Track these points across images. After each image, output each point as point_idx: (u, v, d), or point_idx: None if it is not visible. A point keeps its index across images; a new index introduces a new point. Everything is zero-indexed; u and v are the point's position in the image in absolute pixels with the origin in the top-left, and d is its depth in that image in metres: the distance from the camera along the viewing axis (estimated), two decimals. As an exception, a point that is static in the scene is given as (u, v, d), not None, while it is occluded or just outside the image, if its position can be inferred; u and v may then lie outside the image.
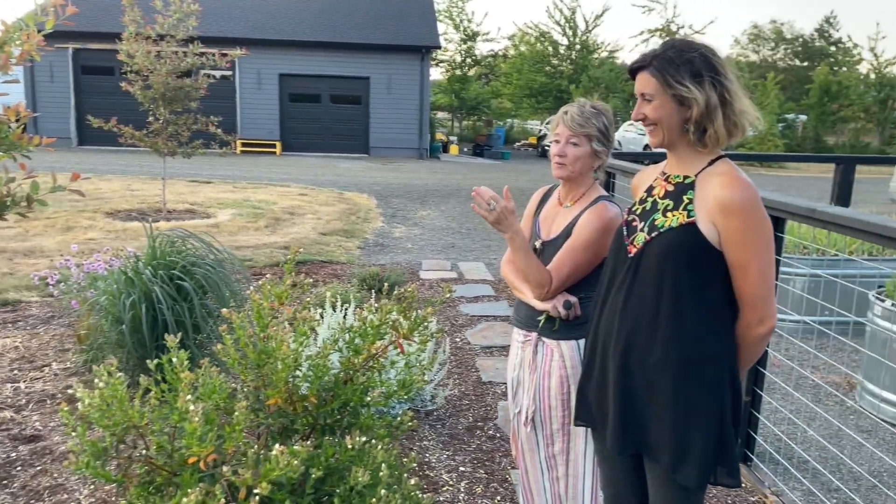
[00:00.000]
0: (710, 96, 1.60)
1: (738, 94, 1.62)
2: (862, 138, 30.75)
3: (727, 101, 1.60)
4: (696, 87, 1.59)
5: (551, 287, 2.08)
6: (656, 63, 1.63)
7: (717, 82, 1.60)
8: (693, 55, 1.61)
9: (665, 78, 1.61)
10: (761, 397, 3.18)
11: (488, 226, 8.52)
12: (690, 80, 1.59)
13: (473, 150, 26.15)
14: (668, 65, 1.61)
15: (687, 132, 1.65)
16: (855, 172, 6.77)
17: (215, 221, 9.02)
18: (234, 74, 21.72)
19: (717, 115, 1.60)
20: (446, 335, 4.93)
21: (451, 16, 31.22)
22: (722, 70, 1.61)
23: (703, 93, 1.59)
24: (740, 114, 1.62)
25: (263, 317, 2.04)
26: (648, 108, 1.66)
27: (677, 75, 1.60)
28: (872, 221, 2.26)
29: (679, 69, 1.60)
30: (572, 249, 2.08)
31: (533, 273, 2.08)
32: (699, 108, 1.60)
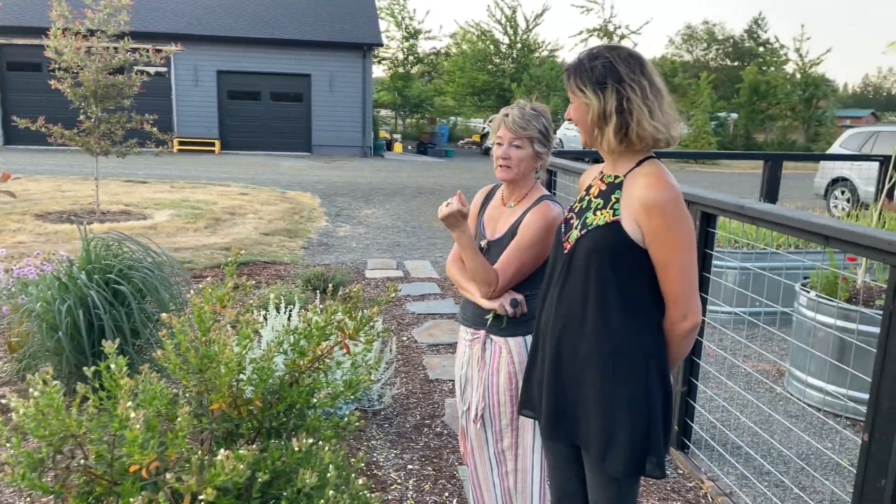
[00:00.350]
0: (608, 103, 1.65)
1: (652, 99, 1.65)
2: (789, 136, 32.09)
3: (626, 108, 1.64)
4: (594, 93, 1.65)
5: (498, 286, 2.13)
6: (570, 69, 1.72)
7: (619, 89, 1.64)
8: (597, 63, 1.67)
9: (571, 82, 1.70)
10: (697, 387, 3.31)
11: (434, 224, 8.49)
12: (591, 86, 1.66)
13: (417, 148, 26.16)
14: (577, 72, 1.69)
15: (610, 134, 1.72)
16: (782, 169, 7.09)
17: (152, 223, 8.77)
18: (169, 71, 21.12)
19: (612, 121, 1.66)
20: (392, 334, 4.94)
21: (393, 13, 31.12)
22: (627, 76, 1.64)
23: (600, 99, 1.65)
24: (641, 121, 1.64)
25: (205, 321, 2.02)
26: (571, 109, 1.75)
27: (579, 81, 1.68)
28: (795, 217, 2.38)
29: (583, 75, 1.68)
30: (517, 249, 2.13)
31: (480, 272, 2.12)
32: (593, 112, 1.67)
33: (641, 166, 1.71)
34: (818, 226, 2.28)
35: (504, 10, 29.10)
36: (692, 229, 1.68)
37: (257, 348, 3.35)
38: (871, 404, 2.07)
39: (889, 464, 2.00)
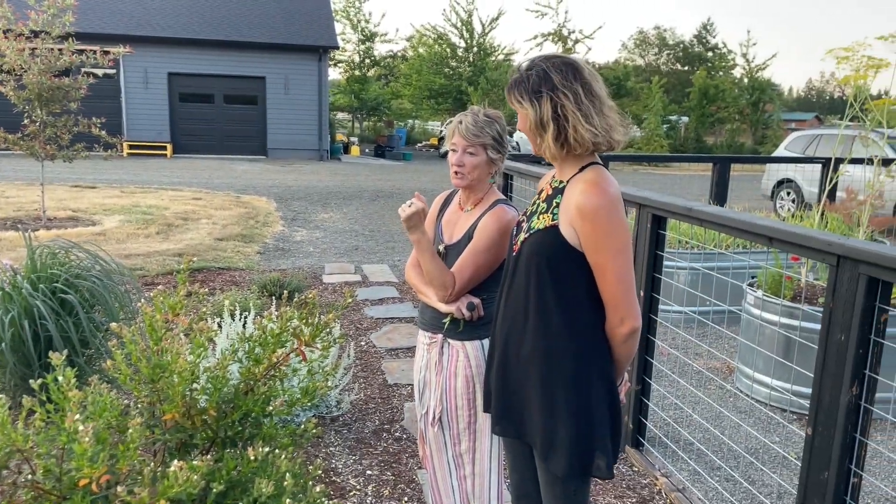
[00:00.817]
0: (544, 111, 1.68)
1: (579, 107, 1.67)
2: (737, 138, 32.98)
3: (561, 114, 1.68)
4: (530, 102, 1.69)
5: (454, 289, 2.15)
6: (512, 80, 1.75)
7: (552, 96, 1.67)
8: (532, 72, 1.70)
9: (511, 95, 1.74)
10: (650, 385, 3.38)
11: (392, 227, 8.46)
12: (528, 96, 1.69)
13: (375, 151, 26.07)
14: (516, 82, 1.73)
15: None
16: (730, 171, 7.29)
17: (101, 229, 8.54)
18: (118, 73, 20.58)
19: (549, 128, 1.69)
20: (351, 339, 4.91)
21: (349, 16, 30.99)
22: (560, 85, 1.67)
23: (535, 108, 1.68)
24: (577, 126, 1.67)
25: (157, 329, 1.98)
26: (518, 121, 1.78)
27: (517, 92, 1.72)
28: (740, 219, 2.46)
29: (520, 86, 1.71)
30: (473, 253, 2.15)
31: (437, 275, 2.14)
32: (530, 121, 1.71)
33: (583, 172, 1.74)
34: (762, 227, 2.36)
35: (460, 13, 29.25)
36: (628, 235, 1.70)
37: (212, 357, 3.30)
38: (813, 399, 2.15)
39: (831, 456, 2.09)
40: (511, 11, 49.85)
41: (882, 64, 4.93)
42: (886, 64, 4.93)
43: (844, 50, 4.98)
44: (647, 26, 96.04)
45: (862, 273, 1.96)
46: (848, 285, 2.00)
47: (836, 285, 2.05)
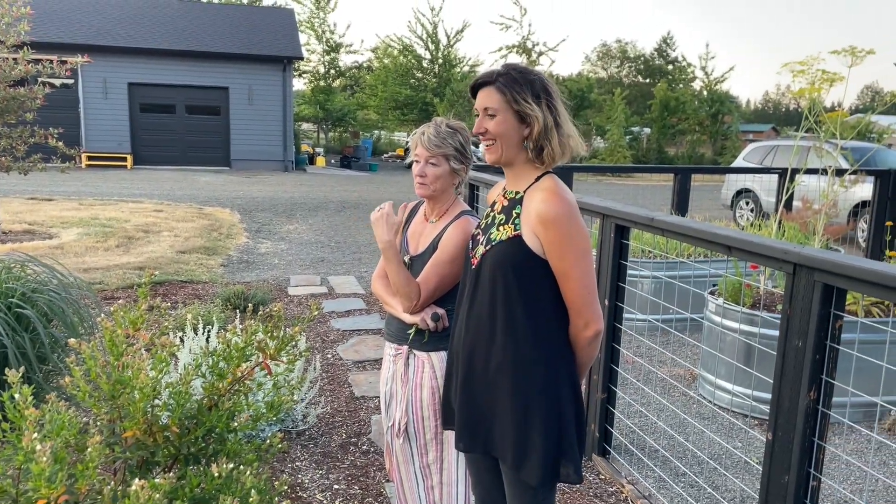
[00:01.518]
0: (547, 117, 1.74)
1: (566, 119, 1.78)
2: (698, 149, 33.70)
3: (559, 123, 1.75)
4: (539, 106, 1.73)
5: (420, 300, 2.15)
6: (502, 80, 1.74)
7: (551, 105, 1.75)
8: (534, 78, 1.75)
9: (511, 94, 1.72)
10: (616, 393, 3.42)
11: (359, 238, 8.39)
12: (532, 100, 1.72)
13: (341, 162, 25.97)
14: (514, 83, 1.73)
15: (525, 149, 1.78)
16: (691, 181, 7.44)
17: (59, 242, 8.33)
18: (76, 83, 20.18)
19: (554, 135, 1.74)
20: (317, 352, 4.87)
21: (314, 26, 30.88)
22: (554, 96, 1.76)
23: (542, 112, 1.73)
24: (568, 137, 1.77)
25: (117, 344, 1.94)
26: (491, 123, 1.76)
27: (522, 93, 1.72)
28: (700, 228, 2.52)
29: (523, 88, 1.73)
30: (438, 263, 2.15)
31: (402, 285, 2.14)
32: (539, 125, 1.73)
33: (540, 181, 1.78)
34: (721, 236, 2.41)
35: (426, 25, 29.40)
36: (588, 240, 1.75)
37: (174, 372, 3.24)
38: (773, 404, 2.19)
39: (791, 460, 2.13)
40: (476, 24, 50.38)
41: (836, 78, 5.10)
42: (841, 78, 5.10)
43: (800, 64, 5.14)
44: (610, 39, 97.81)
45: (817, 280, 2.01)
46: (804, 292, 2.06)
47: (792, 292, 2.10)
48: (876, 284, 1.81)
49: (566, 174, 6.82)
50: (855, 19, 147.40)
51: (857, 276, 1.87)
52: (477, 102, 1.79)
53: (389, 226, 2.16)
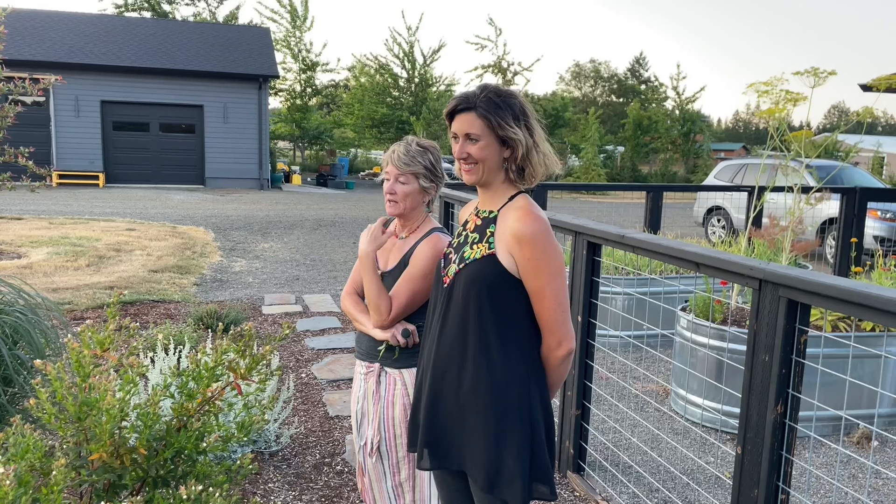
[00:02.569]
0: (528, 139, 1.77)
1: (542, 137, 1.81)
2: (670, 168, 34.25)
3: (537, 143, 1.79)
4: (520, 129, 1.75)
5: (391, 314, 2.15)
6: (484, 106, 1.75)
7: (529, 126, 1.78)
8: (514, 101, 1.77)
9: (495, 120, 1.74)
10: (590, 410, 3.43)
11: (334, 257, 8.35)
12: (514, 123, 1.75)
13: (317, 180, 25.92)
14: (496, 108, 1.74)
15: (505, 170, 1.80)
16: (663, 199, 7.54)
17: (27, 262, 8.18)
18: (48, 101, 19.95)
19: (534, 155, 1.78)
20: (290, 371, 4.82)
21: (290, 45, 30.90)
22: (531, 116, 1.79)
23: (523, 136, 1.75)
24: (545, 156, 1.81)
25: (84, 366, 1.91)
26: (474, 148, 1.76)
27: (504, 118, 1.74)
28: (669, 245, 2.56)
29: (505, 113, 1.74)
30: (409, 279, 2.16)
31: (375, 296, 2.14)
32: (522, 149, 1.75)
33: (513, 200, 1.81)
34: (690, 253, 2.45)
35: (402, 45, 29.59)
36: (562, 259, 1.77)
37: (143, 393, 3.19)
38: (742, 418, 2.22)
39: (760, 474, 2.16)
40: (452, 43, 50.86)
41: (799, 98, 5.23)
42: (804, 98, 5.23)
43: (764, 84, 5.26)
44: (583, 59, 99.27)
45: (782, 296, 2.05)
46: (770, 308, 2.10)
47: (759, 308, 2.14)
48: (837, 299, 1.86)
49: (541, 192, 6.88)
50: (824, 43, 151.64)
51: (819, 291, 1.91)
52: (456, 127, 1.78)
53: (373, 238, 2.19)
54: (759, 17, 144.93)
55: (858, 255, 6.67)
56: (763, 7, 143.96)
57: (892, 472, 3.63)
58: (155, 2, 30.37)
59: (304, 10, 30.39)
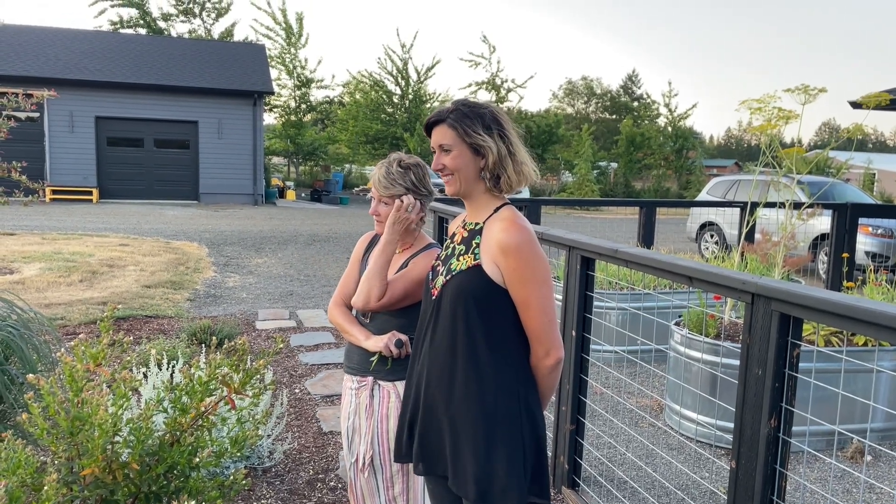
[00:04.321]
0: (500, 147, 1.80)
1: (520, 146, 1.84)
2: (664, 184, 34.40)
3: (512, 152, 1.81)
4: (491, 137, 1.79)
5: (380, 301, 2.14)
6: (453, 116, 1.80)
7: (503, 135, 1.81)
8: (484, 111, 1.82)
9: (463, 129, 1.79)
10: (584, 425, 3.43)
11: (328, 272, 8.32)
12: (484, 131, 1.79)
13: (311, 196, 25.93)
14: (464, 118, 1.80)
15: (482, 180, 1.83)
16: (656, 214, 7.59)
17: (20, 277, 8.14)
18: (42, 116, 19.95)
19: (508, 163, 1.80)
20: (284, 387, 4.80)
21: (285, 62, 31.04)
22: (506, 125, 1.83)
23: (497, 144, 1.79)
24: (522, 164, 1.83)
25: (77, 380, 1.90)
26: (447, 158, 1.81)
27: (473, 126, 1.78)
28: (662, 260, 2.57)
29: (473, 122, 1.79)
30: (406, 279, 2.16)
31: (375, 275, 2.14)
32: (493, 155, 1.79)
33: (498, 212, 1.83)
34: (683, 268, 2.46)
35: (396, 62, 29.76)
36: (548, 268, 1.79)
37: (136, 408, 3.17)
38: (736, 432, 2.22)
39: (755, 488, 2.16)
40: (445, 60, 51.30)
41: (791, 115, 5.28)
42: (795, 116, 5.28)
43: (756, 101, 5.32)
44: (576, 76, 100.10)
45: (775, 310, 2.06)
46: (762, 321, 2.11)
47: (751, 322, 2.15)
48: (829, 313, 1.87)
49: (534, 207, 6.90)
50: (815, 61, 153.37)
51: (811, 305, 1.92)
52: (432, 140, 1.84)
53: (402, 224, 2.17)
54: (751, 36, 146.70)
55: (850, 270, 6.71)
56: (755, 26, 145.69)
57: (886, 487, 3.63)
58: (150, 19, 30.48)
59: (298, 27, 30.57)
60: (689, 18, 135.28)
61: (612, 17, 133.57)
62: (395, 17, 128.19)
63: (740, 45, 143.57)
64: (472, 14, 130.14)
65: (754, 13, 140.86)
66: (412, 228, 2.25)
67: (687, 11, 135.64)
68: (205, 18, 30.86)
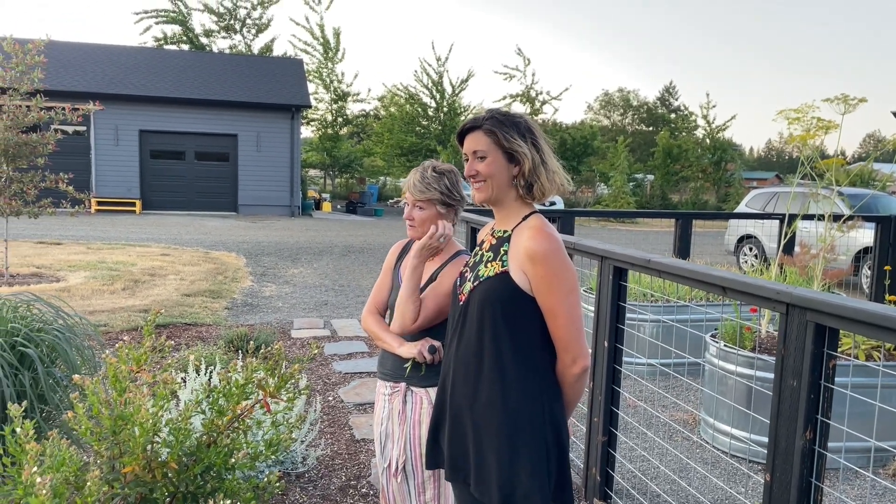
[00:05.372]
0: (534, 155, 1.82)
1: (551, 156, 1.86)
2: (701, 196, 33.92)
3: (544, 160, 1.84)
4: (526, 144, 1.81)
5: (416, 322, 2.17)
6: (489, 123, 1.83)
7: (536, 143, 1.83)
8: (518, 120, 1.85)
9: (501, 135, 1.81)
10: (617, 436, 3.40)
11: (362, 282, 8.41)
12: (520, 138, 1.81)
13: (347, 208, 26.23)
14: (500, 125, 1.82)
15: (514, 187, 1.84)
16: (692, 227, 7.49)
17: (66, 285, 8.40)
18: (88, 130, 20.62)
19: (541, 171, 1.82)
20: (318, 394, 4.86)
21: (322, 76, 31.54)
22: (538, 135, 1.85)
23: (529, 150, 1.81)
24: (554, 172, 1.85)
25: (121, 380, 1.97)
26: (482, 164, 1.83)
27: (510, 133, 1.81)
28: (694, 269, 2.55)
29: (509, 129, 1.82)
30: (436, 294, 2.19)
31: (407, 301, 2.17)
32: (528, 163, 1.81)
33: (527, 220, 1.85)
34: (715, 277, 2.44)
35: (431, 75, 30.00)
36: (575, 277, 1.79)
37: (175, 410, 3.25)
38: (770, 445, 2.19)
39: (789, 502, 2.12)
40: (480, 73, 51.45)
41: (831, 126, 5.19)
42: (835, 126, 5.19)
43: (794, 111, 5.24)
44: (612, 88, 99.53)
45: (810, 320, 2.04)
46: (797, 332, 2.08)
47: (786, 332, 2.12)
48: (864, 323, 1.84)
49: (568, 219, 6.89)
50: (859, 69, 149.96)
51: (847, 315, 1.89)
52: (465, 147, 1.87)
53: (429, 252, 2.20)
54: (792, 46, 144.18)
55: (893, 282, 6.53)
56: (796, 36, 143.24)
57: (931, 507, 3.52)
58: (193, 35, 31.29)
59: (336, 42, 31.06)
60: (730, 28, 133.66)
61: (650, 28, 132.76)
62: (431, 31, 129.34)
63: (782, 57, 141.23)
64: (507, 27, 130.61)
65: (800, 20, 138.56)
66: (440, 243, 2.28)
67: (728, 21, 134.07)
68: (245, 34, 31.57)
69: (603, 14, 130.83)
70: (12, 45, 8.49)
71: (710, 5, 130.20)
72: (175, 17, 30.89)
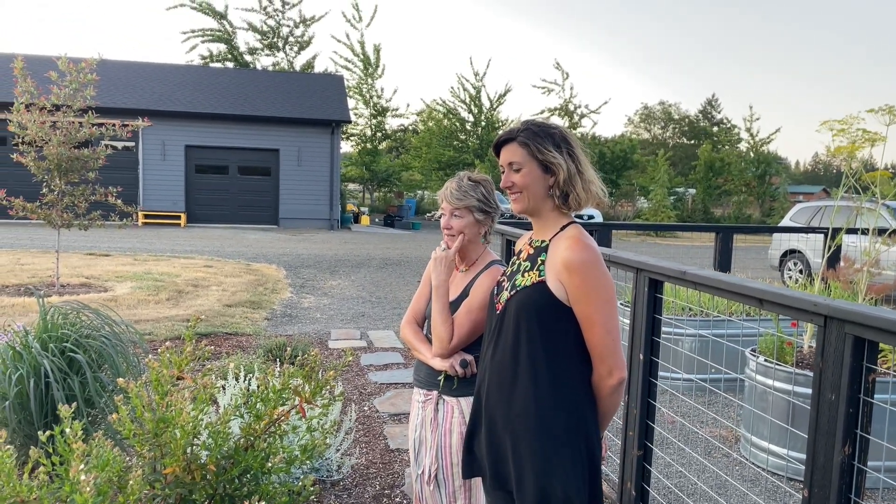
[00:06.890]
0: (570, 165, 1.83)
1: (588, 166, 1.87)
2: (745, 210, 33.26)
3: (581, 170, 1.84)
4: (563, 155, 1.82)
5: (451, 343, 2.20)
6: (524, 135, 1.84)
7: (571, 153, 1.84)
8: (553, 131, 1.86)
9: (535, 146, 1.82)
10: (652, 451, 3.36)
11: (399, 294, 8.50)
12: (554, 149, 1.82)
13: (385, 221, 26.46)
14: (535, 136, 1.84)
15: (551, 197, 1.85)
16: (733, 241, 7.37)
17: (113, 295, 8.66)
18: (137, 145, 21.29)
19: (577, 181, 1.83)
20: (353, 404, 4.91)
21: (362, 91, 32.00)
22: (574, 145, 1.86)
23: (564, 161, 1.82)
24: (590, 182, 1.86)
25: (163, 384, 2.04)
26: (517, 176, 1.85)
27: (544, 144, 1.82)
28: (731, 281, 2.52)
29: (544, 140, 1.83)
30: (469, 310, 2.22)
31: (440, 325, 2.20)
32: (563, 173, 1.82)
33: (565, 230, 1.86)
34: (752, 289, 2.41)
35: (469, 90, 30.17)
36: (612, 288, 1.79)
37: (214, 415, 3.33)
38: (808, 459, 2.15)
39: (829, 519, 2.07)
40: (518, 87, 51.45)
41: (877, 138, 5.08)
42: (883, 139, 5.07)
43: (839, 123, 5.14)
44: (652, 102, 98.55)
45: (848, 333, 2.00)
46: (836, 345, 2.04)
47: (824, 345, 2.09)
48: (905, 335, 1.80)
49: (605, 231, 6.84)
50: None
51: (885, 327, 1.86)
52: (501, 159, 1.89)
53: (447, 268, 2.27)
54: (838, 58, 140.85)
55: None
56: (843, 49, 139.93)
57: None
58: (238, 53, 32.10)
59: (376, 58, 31.49)
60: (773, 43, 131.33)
61: (691, 42, 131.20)
62: (470, 45, 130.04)
63: (830, 68, 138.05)
64: (546, 42, 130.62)
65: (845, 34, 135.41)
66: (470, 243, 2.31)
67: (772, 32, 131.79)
68: (288, 52, 32.23)
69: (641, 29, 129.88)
70: (66, 64, 8.85)
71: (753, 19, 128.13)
72: (220, 35, 31.75)
